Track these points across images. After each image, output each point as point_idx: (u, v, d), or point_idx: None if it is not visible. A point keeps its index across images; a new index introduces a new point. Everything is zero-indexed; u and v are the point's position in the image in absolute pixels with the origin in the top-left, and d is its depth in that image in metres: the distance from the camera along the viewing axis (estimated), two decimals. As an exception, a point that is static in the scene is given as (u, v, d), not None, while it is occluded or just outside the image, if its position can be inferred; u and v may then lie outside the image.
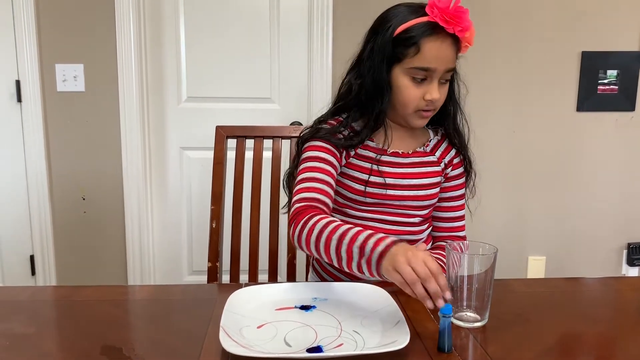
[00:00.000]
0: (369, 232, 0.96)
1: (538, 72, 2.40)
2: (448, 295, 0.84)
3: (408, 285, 0.85)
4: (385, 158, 1.17)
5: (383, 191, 1.15)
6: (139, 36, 2.29)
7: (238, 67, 2.39)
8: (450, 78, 1.15)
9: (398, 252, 0.88)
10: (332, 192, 1.11)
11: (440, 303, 0.83)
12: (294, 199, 1.09)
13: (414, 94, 1.10)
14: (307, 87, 2.39)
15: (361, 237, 0.95)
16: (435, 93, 1.09)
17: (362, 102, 1.13)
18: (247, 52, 2.38)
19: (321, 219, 1.01)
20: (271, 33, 2.37)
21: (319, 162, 1.12)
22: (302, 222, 1.03)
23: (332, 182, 1.12)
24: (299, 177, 1.12)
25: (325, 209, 1.08)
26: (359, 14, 2.27)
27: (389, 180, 1.15)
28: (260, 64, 2.39)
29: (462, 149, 1.22)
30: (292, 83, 2.41)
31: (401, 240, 0.92)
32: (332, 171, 1.13)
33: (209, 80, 2.40)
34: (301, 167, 1.13)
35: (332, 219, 1.02)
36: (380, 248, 0.91)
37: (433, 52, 1.06)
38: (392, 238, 0.93)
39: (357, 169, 1.16)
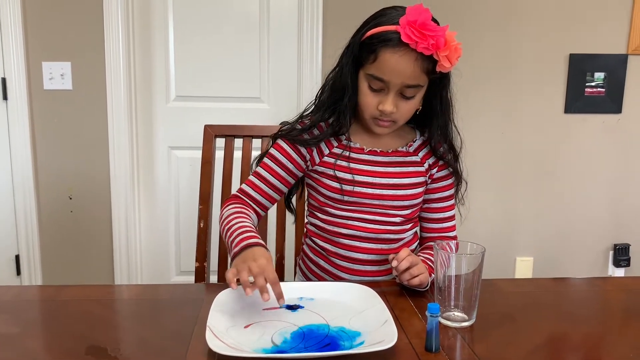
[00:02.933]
0: (243, 229, 1.04)
1: (526, 74, 2.42)
2: (281, 302, 0.92)
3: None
4: (361, 156, 1.17)
5: (351, 188, 1.15)
6: (127, 34, 2.28)
7: (227, 66, 2.38)
8: (440, 93, 1.13)
9: (244, 258, 0.96)
10: (273, 193, 1.20)
11: (265, 297, 0.90)
12: (239, 187, 1.22)
13: (369, 101, 1.10)
14: (296, 87, 2.39)
15: (235, 234, 1.04)
16: (388, 105, 1.08)
17: (332, 100, 1.15)
18: (237, 51, 2.37)
19: (231, 208, 1.13)
20: (261, 32, 2.37)
21: (275, 163, 1.19)
22: (223, 209, 1.16)
23: (279, 184, 1.20)
24: (255, 170, 1.22)
25: (254, 205, 1.19)
26: (349, 14, 2.27)
27: (363, 178, 1.15)
28: (249, 63, 2.39)
29: (451, 163, 1.20)
30: (281, 83, 2.41)
31: (258, 244, 0.99)
32: (284, 174, 1.19)
33: (198, 79, 2.38)
34: (262, 160, 1.22)
35: (238, 210, 1.12)
36: (236, 249, 0.99)
37: (389, 63, 1.04)
38: (250, 241, 1.00)
39: (331, 167, 1.16)
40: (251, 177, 1.20)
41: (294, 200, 1.33)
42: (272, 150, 1.20)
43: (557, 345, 0.89)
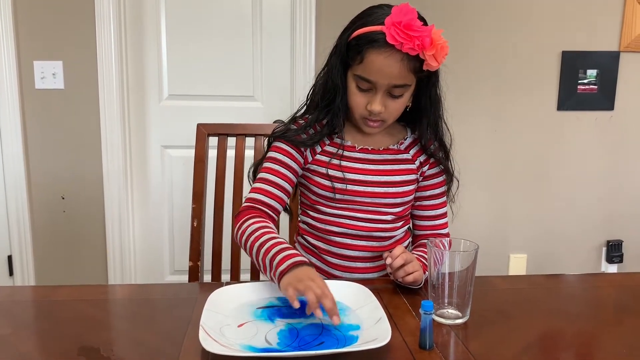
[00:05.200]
0: (282, 247, 0.98)
1: (519, 71, 2.42)
2: (336, 320, 0.86)
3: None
4: (353, 154, 1.17)
5: (343, 186, 1.15)
6: (120, 32, 2.27)
7: (220, 65, 2.37)
8: (429, 90, 1.12)
9: (298, 277, 0.91)
10: (283, 195, 1.15)
11: (336, 321, 0.86)
12: (246, 196, 1.16)
13: (358, 100, 1.11)
14: (290, 85, 2.38)
15: (273, 251, 0.98)
16: (376, 105, 1.08)
17: (325, 101, 1.14)
18: (230, 50, 2.36)
19: (254, 223, 1.07)
20: (254, 30, 2.36)
21: (278, 164, 1.16)
22: (240, 222, 1.09)
23: (286, 185, 1.16)
24: (258, 176, 1.17)
25: (268, 211, 1.13)
26: (342, 13, 2.25)
27: (355, 176, 1.15)
28: (242, 61, 2.38)
29: (442, 161, 1.20)
30: (275, 81, 2.40)
31: (305, 262, 0.94)
32: (289, 174, 1.16)
33: (191, 77, 2.37)
34: (263, 165, 1.18)
35: (263, 224, 1.06)
36: (282, 267, 0.94)
37: (375, 64, 1.04)
38: (297, 259, 0.94)
39: (323, 165, 1.16)
40: (258, 184, 1.15)
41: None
42: (272, 153, 1.18)
43: (550, 341, 0.89)
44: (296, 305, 0.87)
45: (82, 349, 0.83)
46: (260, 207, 1.13)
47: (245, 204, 1.14)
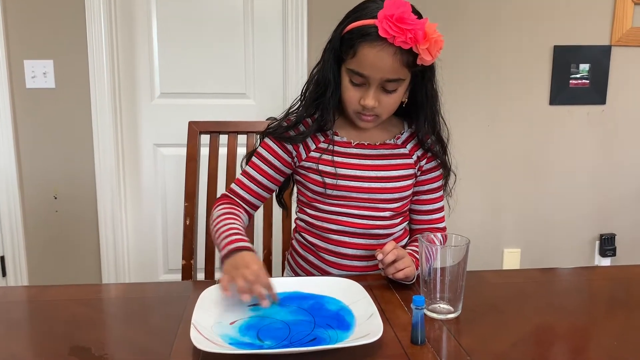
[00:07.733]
0: (230, 232, 1.04)
1: (511, 66, 2.43)
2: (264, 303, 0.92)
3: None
4: (348, 150, 1.17)
5: (334, 181, 1.14)
6: (110, 31, 2.25)
7: (212, 63, 2.36)
8: (425, 85, 1.12)
9: (235, 264, 0.96)
10: (262, 192, 1.21)
11: (265, 304, 0.92)
12: (229, 186, 1.23)
13: (351, 95, 1.10)
14: (282, 82, 2.38)
15: (222, 236, 1.05)
16: (369, 100, 1.08)
17: (315, 95, 1.15)
18: (222, 47, 2.36)
19: (222, 209, 1.14)
20: (245, 27, 2.35)
21: (262, 161, 1.20)
22: (213, 209, 1.17)
23: (268, 182, 1.20)
24: (243, 169, 1.22)
25: (244, 204, 1.19)
26: (334, 9, 2.24)
27: (349, 172, 1.15)
28: (234, 59, 2.37)
29: (440, 155, 1.20)
30: (267, 78, 2.40)
31: (246, 248, 0.99)
32: (272, 173, 1.20)
33: (183, 75, 2.37)
34: (251, 159, 1.22)
35: (227, 211, 1.13)
36: (224, 252, 1.00)
37: (368, 58, 1.04)
38: (236, 245, 1.00)
39: (315, 161, 1.16)
40: (240, 177, 1.20)
41: (285, 195, 1.32)
42: (260, 149, 1.20)
43: (543, 335, 0.90)
44: (227, 294, 0.91)
45: (74, 349, 0.83)
46: (237, 199, 1.19)
47: (224, 193, 1.21)
